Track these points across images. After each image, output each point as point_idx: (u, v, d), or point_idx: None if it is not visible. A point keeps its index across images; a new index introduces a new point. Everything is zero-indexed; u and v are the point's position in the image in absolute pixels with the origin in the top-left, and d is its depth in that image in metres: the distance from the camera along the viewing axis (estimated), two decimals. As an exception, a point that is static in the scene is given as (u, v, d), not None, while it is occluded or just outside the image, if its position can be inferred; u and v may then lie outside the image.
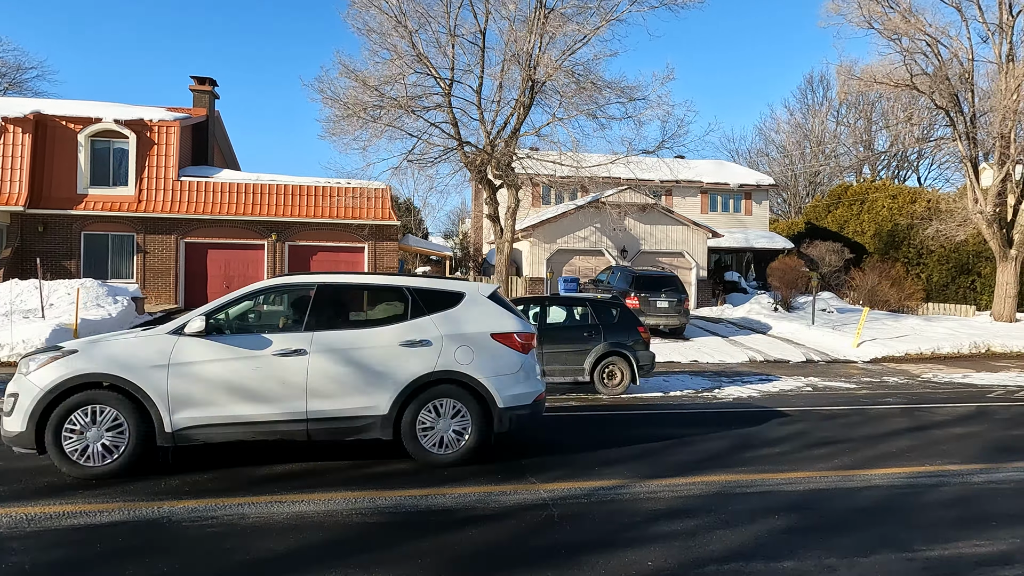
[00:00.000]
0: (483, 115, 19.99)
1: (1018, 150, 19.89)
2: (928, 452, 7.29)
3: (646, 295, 18.49)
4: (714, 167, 35.73)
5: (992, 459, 7.04)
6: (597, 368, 11.12)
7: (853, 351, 17.64)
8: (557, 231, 25.42)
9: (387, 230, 23.58)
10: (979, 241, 27.74)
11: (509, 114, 20.04)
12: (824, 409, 10.07)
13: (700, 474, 6.25)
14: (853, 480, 6.16)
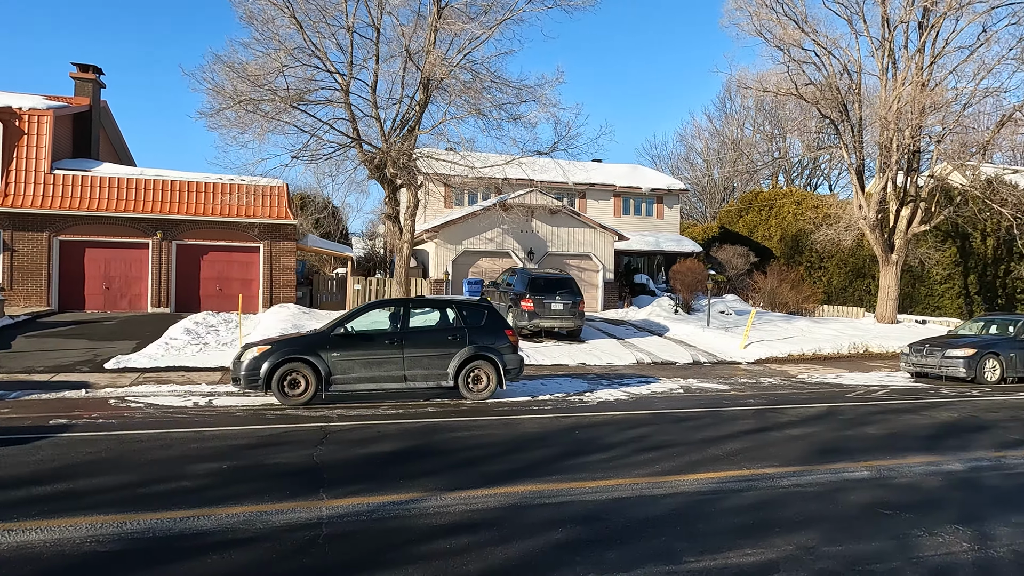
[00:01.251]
0: (378, 112, 19.45)
1: (896, 159, 20.81)
2: (754, 455, 7.27)
3: (540, 297, 18.34)
4: (628, 171, 36.20)
5: (812, 461, 7.07)
6: (462, 373, 10.80)
7: (740, 352, 18.00)
8: (463, 232, 25.08)
9: (284, 229, 22.66)
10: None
11: (405, 112, 19.59)
12: (681, 412, 10.06)
13: (508, 484, 5.98)
14: (661, 487, 6.01)
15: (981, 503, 5.78)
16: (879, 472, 6.67)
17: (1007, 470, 6.90)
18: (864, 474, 6.60)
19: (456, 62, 18.80)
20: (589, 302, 26.64)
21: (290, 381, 10.10)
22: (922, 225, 21.78)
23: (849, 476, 6.51)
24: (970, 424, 9.34)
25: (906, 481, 6.39)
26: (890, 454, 7.43)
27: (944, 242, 28.91)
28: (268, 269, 22.63)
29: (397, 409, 9.87)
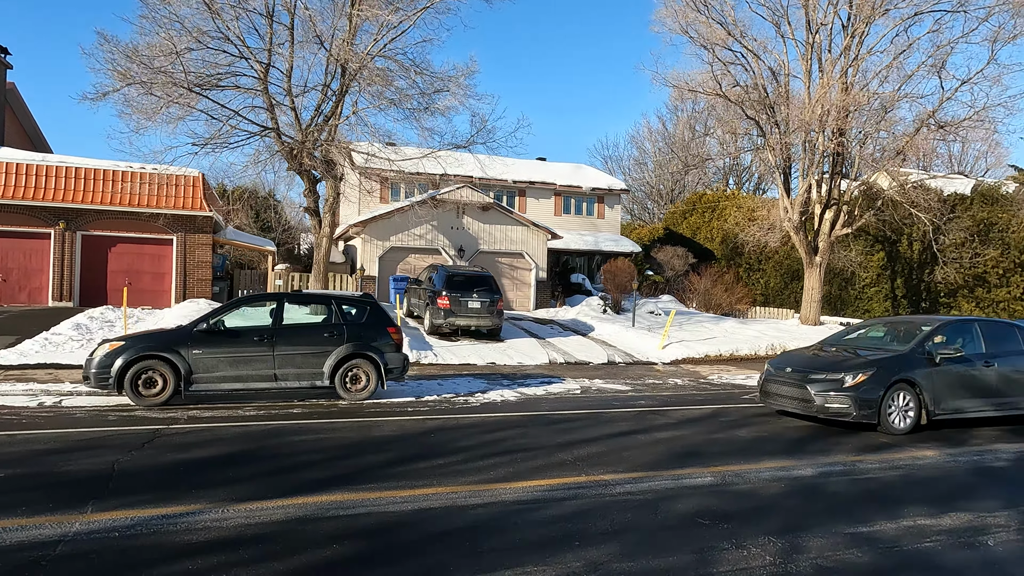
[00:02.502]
0: (294, 101, 18.72)
1: (818, 162, 20.95)
2: (605, 460, 6.91)
3: (457, 295, 17.87)
4: (571, 170, 35.97)
5: (661, 466, 6.74)
6: (339, 372, 10.25)
7: (658, 353, 17.82)
8: (391, 228, 24.46)
9: (199, 222, 21.70)
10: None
11: (320, 101, 18.90)
12: (563, 414, 9.68)
13: (312, 494, 5.47)
14: (480, 496, 5.59)
15: (812, 511, 5.50)
16: (723, 478, 6.36)
17: (858, 475, 6.68)
18: (707, 480, 6.28)
19: (373, 50, 18.21)
20: (521, 301, 26.33)
21: (145, 380, 9.41)
22: (844, 228, 21.98)
23: (690, 483, 6.18)
24: (840, 426, 9.18)
25: (746, 488, 6.09)
26: (746, 458, 7.15)
27: (873, 246, 29.40)
28: (182, 262, 21.65)
29: (260, 411, 9.27)
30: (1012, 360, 9.51)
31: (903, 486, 6.33)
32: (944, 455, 7.62)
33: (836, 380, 8.79)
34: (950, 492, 6.18)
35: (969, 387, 9.18)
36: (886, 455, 7.54)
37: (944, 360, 8.99)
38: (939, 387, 8.90)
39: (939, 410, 8.87)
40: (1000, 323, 10.42)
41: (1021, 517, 5.48)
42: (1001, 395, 9.32)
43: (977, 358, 9.30)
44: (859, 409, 8.56)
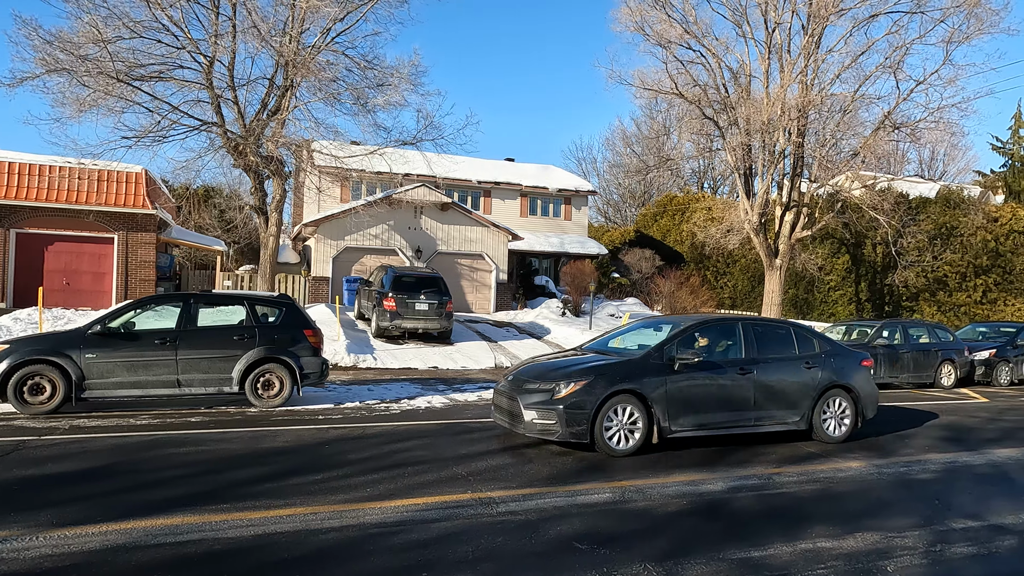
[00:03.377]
0: (237, 94, 18.04)
1: (776, 163, 20.69)
2: (502, 475, 6.38)
3: (404, 296, 17.29)
4: (538, 171, 35.51)
5: (560, 482, 6.22)
6: (250, 377, 9.63)
7: (611, 357, 17.36)
8: (346, 228, 23.81)
9: (141, 219, 20.88)
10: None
11: (265, 95, 18.24)
12: (485, 422, 9.14)
13: (145, 517, 4.88)
14: (341, 517, 5.02)
15: (707, 532, 5.02)
16: (623, 494, 5.87)
17: (772, 489, 6.22)
18: (604, 497, 5.78)
19: (320, 43, 17.61)
20: (481, 303, 25.79)
21: (32, 386, 8.73)
22: (804, 231, 21.73)
23: (585, 500, 5.68)
24: (774, 435, 8.74)
25: (644, 506, 5.60)
26: (656, 471, 6.67)
27: (839, 249, 29.30)
28: (123, 262, 20.82)
29: (155, 419, 8.63)
30: (778, 367, 8.08)
31: (815, 502, 5.88)
32: (870, 466, 7.20)
33: (548, 391, 7.16)
34: (865, 509, 5.74)
35: (717, 399, 7.66)
36: (802, 467, 7.10)
37: (684, 367, 7.46)
38: (676, 399, 7.35)
39: (676, 426, 7.37)
40: (773, 324, 9.02)
41: (931, 537, 5.05)
42: (759, 408, 7.85)
43: (731, 365, 7.83)
44: (567, 426, 6.95)
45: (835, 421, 8.30)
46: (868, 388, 8.64)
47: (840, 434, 8.28)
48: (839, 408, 8.34)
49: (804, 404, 8.13)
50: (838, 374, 8.37)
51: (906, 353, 14.47)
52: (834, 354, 8.53)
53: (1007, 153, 34.25)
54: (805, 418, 8.15)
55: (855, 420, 8.41)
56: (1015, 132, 34.04)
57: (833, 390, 8.31)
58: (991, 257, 26.32)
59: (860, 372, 8.64)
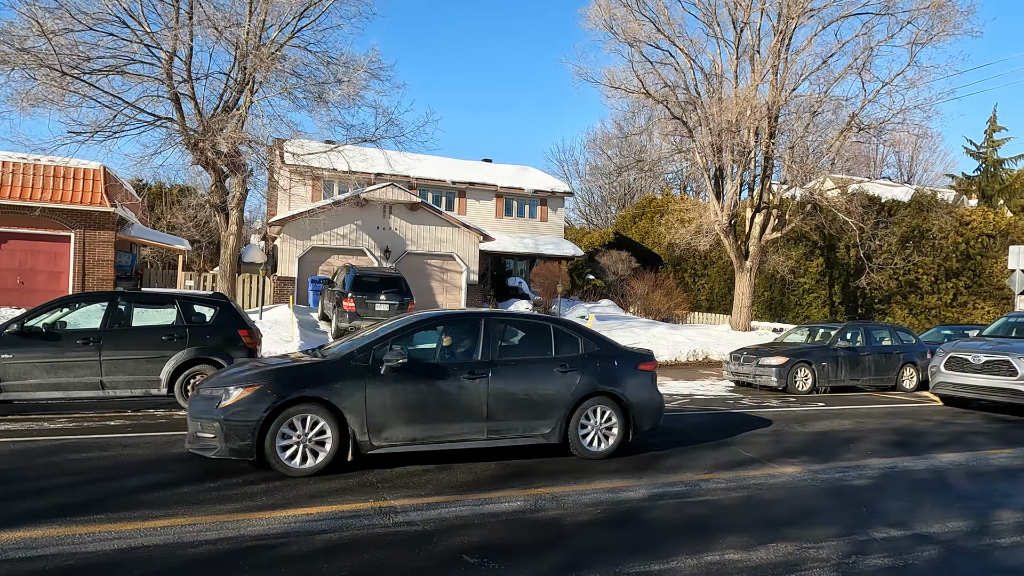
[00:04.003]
0: (194, 90, 17.65)
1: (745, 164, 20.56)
2: (415, 481, 6.08)
3: (363, 297, 16.97)
4: (515, 172, 35.25)
5: (475, 488, 5.92)
6: (179, 379, 9.27)
7: (574, 359, 17.10)
8: (312, 227, 23.41)
9: (99, 217, 20.35)
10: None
11: (223, 90, 17.87)
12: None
13: (8, 529, 4.54)
14: (220, 528, 4.69)
15: (612, 543, 4.73)
16: (536, 503, 5.58)
17: (696, 496, 5.95)
18: (515, 505, 5.49)
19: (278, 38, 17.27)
20: (451, 304, 25.47)
21: (-58, 388, 8.34)
22: (774, 232, 21.62)
23: (493, 508, 5.38)
24: (714, 441, 8.49)
25: (554, 515, 5.31)
26: (578, 478, 6.38)
27: (813, 252, 29.25)
28: (80, 261, 20.29)
29: (75, 423, 8.26)
30: (522, 371, 6.94)
31: (737, 510, 5.62)
32: (806, 471, 6.96)
33: (215, 398, 6.08)
34: (788, 517, 5.48)
35: (437, 408, 6.52)
36: (733, 472, 6.85)
37: (393, 371, 6.31)
38: (381, 409, 6.23)
39: (380, 440, 6.26)
40: (529, 320, 7.84)
41: (847, 548, 4.79)
42: (494, 418, 6.71)
43: (460, 368, 6.68)
44: (227, 440, 5.89)
45: (597, 433, 7.14)
46: (644, 395, 7.41)
47: (603, 449, 7.12)
48: (603, 418, 7.16)
49: (556, 414, 6.94)
50: (603, 379, 7.17)
51: (867, 356, 14.32)
52: (602, 356, 7.32)
53: (981, 157, 34.41)
54: (558, 430, 6.97)
55: (624, 433, 7.24)
56: (989, 136, 34.22)
57: (596, 398, 7.12)
58: (962, 260, 26.36)
59: (634, 377, 7.40)
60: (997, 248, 26.05)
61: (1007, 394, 10.98)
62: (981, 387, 11.33)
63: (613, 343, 7.76)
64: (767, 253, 23.61)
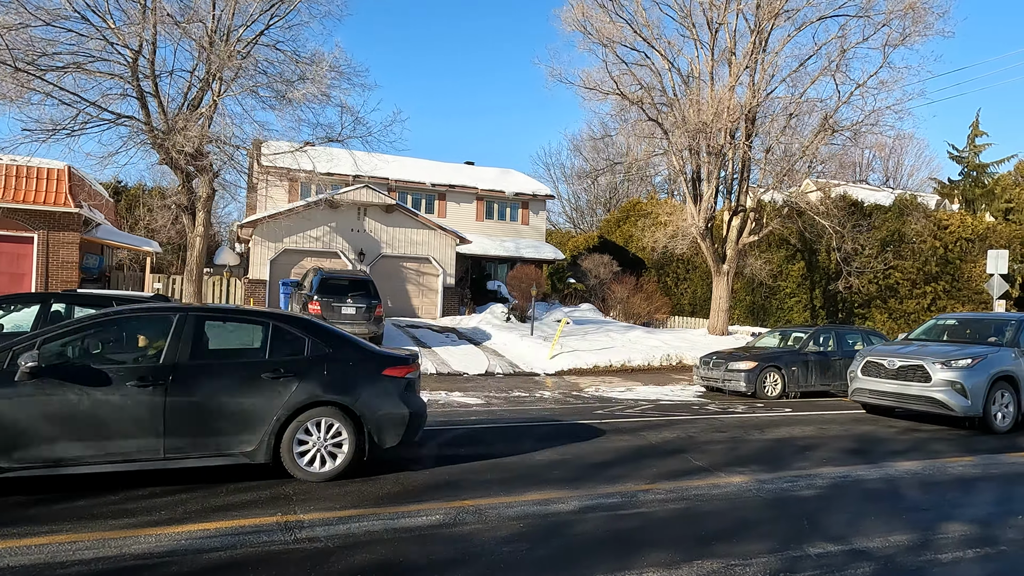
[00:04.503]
0: (158, 88, 17.27)
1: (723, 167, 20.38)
2: (336, 493, 5.75)
3: (330, 300, 16.61)
4: (497, 175, 34.97)
5: (400, 500, 5.60)
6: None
7: (545, 363, 16.82)
8: (285, 229, 23.03)
9: (64, 218, 19.92)
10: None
11: (186, 88, 17.50)
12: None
13: None
14: (101, 547, 4.36)
15: (523, 561, 4.43)
16: (456, 516, 5.25)
17: (630, 508, 5.65)
18: (432, 519, 5.16)
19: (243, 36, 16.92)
20: (427, 308, 25.14)
21: None
22: (752, 236, 21.42)
23: (406, 523, 5.06)
24: (666, 448, 8.20)
25: (470, 530, 4.99)
26: (510, 489, 6.06)
27: (794, 256, 29.08)
28: (43, 263, 19.85)
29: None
30: (216, 377, 5.88)
31: (671, 523, 5.31)
32: (753, 481, 6.67)
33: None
34: (722, 530, 5.18)
35: (92, 423, 5.44)
36: (676, 483, 6.55)
37: (28, 375, 5.31)
38: (10, 422, 5.24)
39: (11, 461, 5.26)
40: (240, 315, 6.85)
41: (776, 565, 4.50)
42: (175, 434, 5.64)
43: (127, 374, 5.60)
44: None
45: (320, 451, 6.07)
46: (387, 406, 6.28)
47: (327, 469, 6.07)
48: (328, 433, 6.09)
49: (262, 428, 5.88)
50: (330, 387, 6.08)
51: (838, 360, 14.05)
52: (333, 360, 6.21)
53: (963, 162, 34.42)
54: (265, 447, 5.87)
55: (358, 450, 6.18)
56: (971, 141, 34.24)
57: (319, 408, 6.05)
58: (941, 264, 26.26)
59: (375, 384, 6.30)
60: (976, 252, 25.96)
61: (922, 402, 10.16)
62: (896, 394, 10.46)
63: (357, 344, 6.58)
64: (745, 257, 23.42)
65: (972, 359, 9.99)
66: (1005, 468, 7.67)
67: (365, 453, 6.25)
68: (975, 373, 9.82)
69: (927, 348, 10.78)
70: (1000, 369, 10.01)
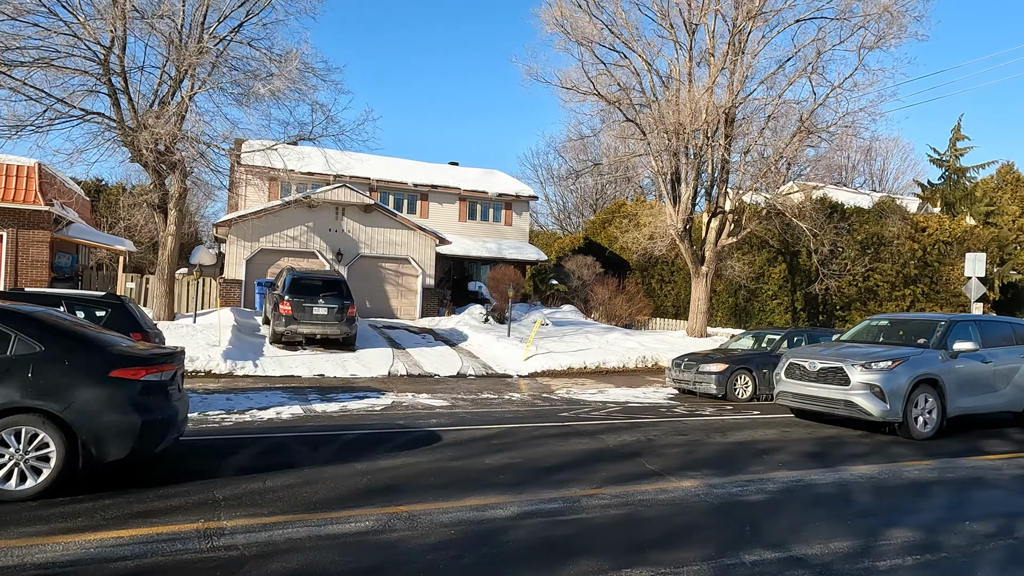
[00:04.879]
0: (127, 83, 17.02)
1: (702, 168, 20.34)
2: (267, 498, 5.58)
3: (301, 300, 16.37)
4: (481, 175, 34.80)
5: (330, 507, 5.44)
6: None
7: (519, 365, 16.68)
8: (261, 229, 22.78)
9: (33, 216, 19.62)
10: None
11: (157, 85, 17.27)
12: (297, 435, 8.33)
13: None
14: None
15: (445, 571, 4.28)
16: (387, 523, 5.10)
17: (569, 515, 5.51)
18: (361, 525, 5.01)
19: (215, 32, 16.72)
20: (406, 308, 24.96)
21: None
22: (730, 237, 21.36)
23: (332, 529, 4.90)
24: (622, 452, 8.07)
25: (398, 536, 4.84)
26: (442, 495, 5.91)
27: (776, 258, 29.10)
28: (12, 261, 19.53)
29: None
30: None
31: (608, 530, 5.18)
32: (703, 485, 6.54)
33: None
34: (660, 537, 5.06)
35: None
36: (623, 487, 6.41)
37: None
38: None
39: None
40: None
41: (710, 574, 4.37)
42: None
43: None
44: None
45: (19, 466, 5.29)
46: (105, 413, 5.49)
47: (28, 487, 5.28)
48: (29, 444, 5.31)
49: None
50: (32, 391, 5.32)
51: (809, 363, 13.94)
52: (43, 359, 5.45)
53: (944, 165, 34.52)
54: None
55: (67, 463, 5.38)
56: (953, 145, 34.33)
57: (18, 416, 5.30)
58: (920, 267, 26.32)
59: (95, 388, 5.52)
60: (954, 255, 26.03)
61: (840, 406, 9.53)
62: (817, 397, 9.88)
63: (83, 341, 5.78)
64: (724, 258, 23.38)
65: (893, 361, 9.44)
66: (963, 473, 7.60)
67: (79, 468, 5.44)
68: (895, 376, 9.26)
69: (849, 349, 10.26)
70: (923, 372, 9.45)
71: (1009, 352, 10.61)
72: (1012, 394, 10.54)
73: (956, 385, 9.72)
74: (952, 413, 9.73)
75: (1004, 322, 11.56)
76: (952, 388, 9.66)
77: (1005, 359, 10.47)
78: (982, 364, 10.15)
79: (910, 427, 9.35)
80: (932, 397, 9.52)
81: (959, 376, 9.80)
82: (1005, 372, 10.42)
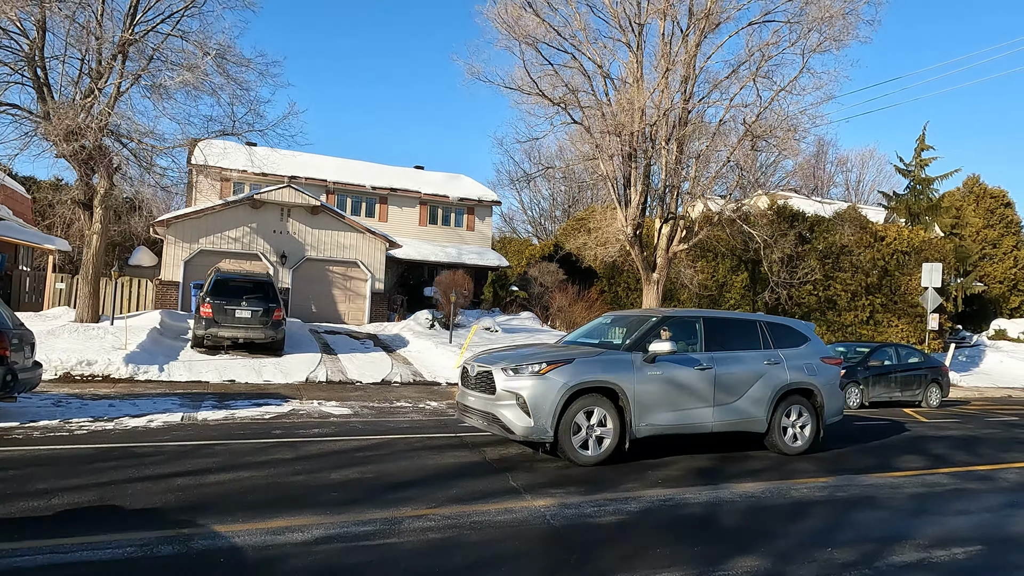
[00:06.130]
0: (47, 76, 16.35)
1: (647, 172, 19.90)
2: (93, 513, 4.94)
3: (223, 303, 15.69)
4: (445, 179, 34.26)
5: (153, 524, 4.81)
6: None
7: (451, 372, 16.06)
8: (202, 229, 22.07)
9: (-45, 213, 18.87)
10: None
11: (77, 77, 16.59)
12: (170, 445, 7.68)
13: None
14: None
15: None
16: (152, 548, 4.47)
17: (373, 539, 4.88)
18: (109, 554, 4.38)
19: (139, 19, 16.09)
20: (354, 313, 24.30)
21: None
22: (682, 244, 20.89)
23: (75, 558, 4.27)
24: (497, 466, 7.45)
25: (152, 565, 4.22)
26: (260, 514, 5.29)
27: (738, 266, 28.75)
28: (-68, 259, 18.73)
29: None
30: None
31: (410, 557, 4.57)
32: (556, 505, 5.95)
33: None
34: (467, 567, 4.46)
35: None
36: (454, 508, 5.82)
37: None
38: None
39: None
40: None
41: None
42: None
43: None
44: None
45: None
46: None
47: None
48: None
49: None
50: None
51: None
52: None
53: (909, 175, 34.40)
54: None
55: None
56: (918, 155, 34.23)
57: None
58: (879, 277, 26.02)
59: None
60: (912, 265, 25.76)
61: (488, 419, 7.54)
62: (475, 409, 7.82)
63: None
64: (677, 265, 22.93)
65: (549, 364, 7.35)
66: (861, 491, 7.06)
67: None
68: (546, 383, 7.20)
69: (525, 351, 8.24)
70: (589, 379, 7.35)
71: (748, 358, 8.49)
72: (748, 410, 8.34)
73: (651, 396, 7.64)
74: (642, 433, 7.63)
75: (748, 320, 9.09)
76: (642, 400, 7.57)
77: (736, 366, 8.32)
78: (696, 371, 8.01)
79: (565, 448, 7.32)
80: (606, 410, 7.44)
81: (655, 385, 7.69)
82: (732, 383, 8.24)
